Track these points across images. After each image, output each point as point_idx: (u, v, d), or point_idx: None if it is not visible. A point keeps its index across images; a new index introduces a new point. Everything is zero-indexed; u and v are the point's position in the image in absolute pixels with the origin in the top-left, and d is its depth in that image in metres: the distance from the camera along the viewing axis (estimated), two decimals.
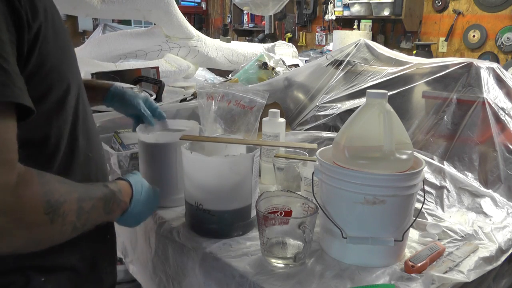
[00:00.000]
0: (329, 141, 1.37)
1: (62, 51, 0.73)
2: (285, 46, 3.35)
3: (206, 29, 7.01)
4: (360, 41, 1.84)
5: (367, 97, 0.90)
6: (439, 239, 1.00)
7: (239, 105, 1.27)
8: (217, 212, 0.97)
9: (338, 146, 0.92)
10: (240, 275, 0.87)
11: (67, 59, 0.75)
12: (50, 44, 0.68)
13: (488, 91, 1.40)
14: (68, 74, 0.75)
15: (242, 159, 0.98)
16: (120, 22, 6.05)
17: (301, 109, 1.79)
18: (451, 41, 4.35)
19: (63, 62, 0.73)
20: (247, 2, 3.90)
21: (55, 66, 0.70)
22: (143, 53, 2.71)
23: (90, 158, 0.82)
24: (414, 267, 0.86)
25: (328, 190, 0.92)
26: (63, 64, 0.73)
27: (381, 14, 4.54)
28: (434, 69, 1.56)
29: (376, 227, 0.88)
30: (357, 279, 0.85)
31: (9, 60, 0.57)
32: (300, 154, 1.22)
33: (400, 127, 0.90)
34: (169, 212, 1.11)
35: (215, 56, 2.85)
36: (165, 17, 2.57)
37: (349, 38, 4.17)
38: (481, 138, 1.35)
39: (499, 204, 1.15)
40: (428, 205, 1.13)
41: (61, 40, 0.73)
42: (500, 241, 0.98)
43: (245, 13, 6.54)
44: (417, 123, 1.50)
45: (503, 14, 3.97)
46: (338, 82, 1.74)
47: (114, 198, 0.77)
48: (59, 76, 0.72)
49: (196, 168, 0.98)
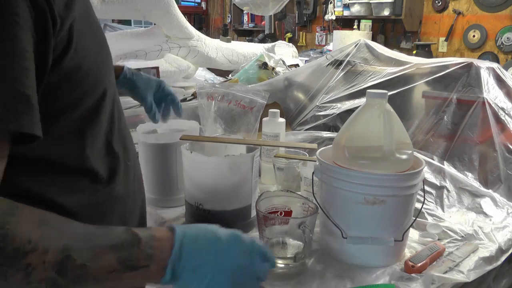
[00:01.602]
0: (329, 141, 1.37)
1: (98, 50, 0.64)
2: (285, 46, 3.35)
3: (206, 29, 7.00)
4: (360, 41, 1.84)
5: (367, 97, 0.91)
6: (439, 239, 1.00)
7: (240, 105, 1.27)
8: (217, 212, 0.97)
9: (338, 146, 0.92)
10: None
11: (104, 59, 0.66)
12: (85, 42, 0.58)
13: (488, 91, 1.40)
14: (105, 77, 0.65)
15: (242, 159, 0.98)
16: (120, 22, 6.05)
17: (301, 109, 1.79)
18: (451, 41, 4.35)
19: (99, 63, 0.63)
20: (247, 2, 3.90)
21: (91, 69, 0.60)
22: (143, 53, 2.70)
23: (129, 168, 0.72)
24: (414, 267, 0.86)
25: (328, 190, 0.92)
26: (99, 65, 0.63)
27: (381, 14, 4.53)
28: (434, 69, 1.56)
29: (376, 227, 0.88)
30: (357, 279, 0.85)
31: (28, 76, 0.49)
32: (300, 154, 1.22)
33: (400, 127, 0.90)
34: (169, 212, 1.11)
35: (215, 56, 2.85)
36: (165, 17, 2.57)
37: (349, 38, 4.16)
38: (481, 138, 1.35)
39: (499, 204, 1.15)
40: (428, 205, 1.13)
41: (97, 36, 0.64)
42: (500, 241, 0.98)
43: (245, 13, 6.53)
44: (417, 123, 1.50)
45: (503, 14, 3.97)
46: (338, 82, 1.74)
47: (137, 246, 0.53)
48: (95, 80, 0.62)
49: (196, 168, 0.98)
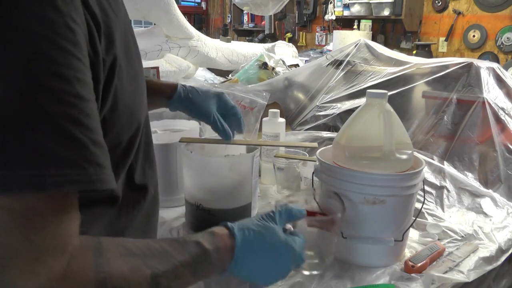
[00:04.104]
0: (329, 141, 1.37)
1: (136, 85, 0.57)
2: (285, 46, 3.35)
3: (206, 29, 7.00)
4: (360, 41, 1.84)
5: (367, 97, 0.90)
6: (439, 239, 1.00)
7: (240, 106, 1.27)
8: (217, 212, 0.97)
9: (338, 146, 0.92)
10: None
11: (140, 94, 0.60)
12: (124, 79, 0.53)
13: (488, 91, 1.40)
14: (140, 112, 0.60)
15: (242, 159, 0.98)
16: None
17: (301, 109, 1.79)
18: (451, 41, 4.35)
19: (136, 98, 0.57)
20: (247, 2, 3.90)
21: (127, 106, 0.55)
22: (143, 53, 2.70)
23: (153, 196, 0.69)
24: (414, 267, 0.86)
25: (328, 190, 0.92)
26: (136, 100, 0.57)
27: (381, 14, 4.53)
28: (434, 69, 1.56)
29: (376, 227, 0.88)
30: (357, 279, 0.85)
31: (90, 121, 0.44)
32: (300, 154, 1.22)
33: (400, 127, 0.90)
34: (169, 212, 1.11)
35: (215, 56, 2.85)
36: (165, 17, 2.57)
37: (349, 38, 4.16)
38: (481, 138, 1.35)
39: (499, 204, 1.15)
40: (428, 205, 1.13)
41: (134, 70, 0.58)
42: (500, 241, 0.98)
43: (245, 13, 6.53)
44: (417, 123, 1.50)
45: (503, 14, 3.97)
46: (338, 82, 1.74)
47: (207, 260, 0.56)
48: (130, 118, 0.57)
49: (196, 168, 0.98)
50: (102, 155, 0.46)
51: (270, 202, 1.17)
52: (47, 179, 0.41)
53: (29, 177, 0.40)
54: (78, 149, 0.43)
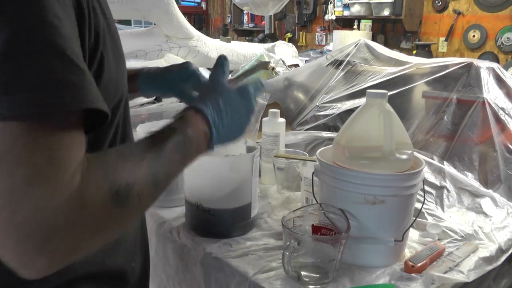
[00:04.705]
0: (329, 141, 1.37)
1: (118, 58, 0.62)
2: (285, 46, 3.36)
3: (206, 29, 7.00)
4: (360, 41, 1.84)
5: (367, 97, 0.90)
6: (439, 239, 1.00)
7: None
8: (217, 212, 0.97)
9: (338, 146, 0.92)
10: (240, 275, 0.87)
11: (122, 66, 0.65)
12: (108, 50, 0.57)
13: (488, 91, 1.40)
14: (123, 84, 0.65)
15: (242, 159, 0.98)
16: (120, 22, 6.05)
17: (301, 109, 1.79)
18: (451, 41, 4.35)
19: (119, 70, 0.62)
20: (247, 2, 3.91)
21: (112, 78, 0.59)
22: (143, 53, 2.71)
23: None
24: (414, 267, 0.86)
25: (328, 190, 0.92)
26: (119, 73, 0.62)
27: (381, 14, 4.54)
28: (434, 69, 1.56)
29: (376, 227, 0.88)
30: (357, 279, 0.85)
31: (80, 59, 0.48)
32: (300, 154, 1.22)
33: (400, 127, 0.90)
34: (169, 212, 1.11)
35: (215, 56, 2.83)
36: (165, 17, 2.57)
37: (349, 38, 4.16)
38: (481, 138, 1.35)
39: (499, 204, 1.15)
40: (428, 205, 1.13)
41: (117, 43, 0.63)
42: (500, 241, 0.98)
43: (245, 13, 6.54)
44: (417, 123, 1.50)
45: (503, 14, 3.98)
46: (338, 82, 1.74)
47: (190, 142, 0.63)
48: (115, 89, 0.61)
49: (196, 168, 0.98)
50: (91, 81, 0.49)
51: (270, 202, 1.17)
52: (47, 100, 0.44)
53: (28, 99, 0.43)
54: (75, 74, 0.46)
